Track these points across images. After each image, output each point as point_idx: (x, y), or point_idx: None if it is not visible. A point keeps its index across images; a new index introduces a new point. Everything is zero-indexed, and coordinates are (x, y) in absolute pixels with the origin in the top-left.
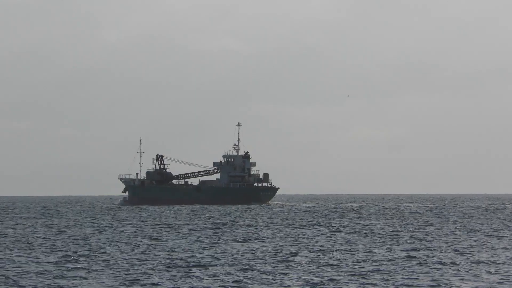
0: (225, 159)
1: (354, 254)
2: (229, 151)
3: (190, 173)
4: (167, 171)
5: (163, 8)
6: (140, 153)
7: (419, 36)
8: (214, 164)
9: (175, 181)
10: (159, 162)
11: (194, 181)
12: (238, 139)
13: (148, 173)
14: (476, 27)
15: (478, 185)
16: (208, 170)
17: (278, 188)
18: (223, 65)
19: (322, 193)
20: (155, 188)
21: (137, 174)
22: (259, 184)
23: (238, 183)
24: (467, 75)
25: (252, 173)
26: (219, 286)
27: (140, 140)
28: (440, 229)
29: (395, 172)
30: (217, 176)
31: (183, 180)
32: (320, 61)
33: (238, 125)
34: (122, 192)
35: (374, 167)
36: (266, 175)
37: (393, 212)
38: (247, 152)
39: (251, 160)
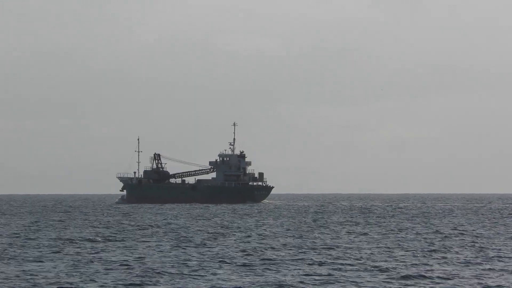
0: (220, 158)
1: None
2: (225, 150)
3: (187, 172)
4: (164, 170)
5: (181, 8)
6: (138, 152)
7: (448, 37)
8: (210, 163)
9: (172, 180)
10: (156, 161)
11: (191, 180)
12: (234, 139)
13: (145, 172)
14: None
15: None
16: (204, 169)
17: (272, 187)
18: (225, 65)
19: (322, 192)
20: (152, 187)
21: (134, 173)
22: (254, 183)
23: (233, 182)
24: (497, 75)
25: (247, 172)
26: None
27: (138, 139)
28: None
29: (401, 172)
30: (213, 175)
31: (180, 179)
32: (331, 62)
33: (234, 124)
34: (120, 190)
35: (379, 166)
36: (261, 174)
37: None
38: (243, 152)
39: (247, 160)
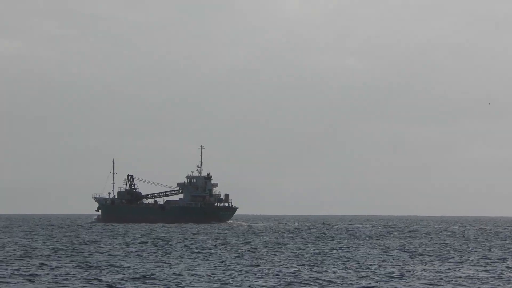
0: (188, 179)
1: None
2: (192, 172)
3: (158, 193)
4: (137, 191)
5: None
6: (113, 173)
7: None
8: (178, 184)
9: (145, 201)
10: (129, 182)
11: (163, 201)
12: (201, 161)
13: (119, 192)
14: None
15: None
16: (174, 190)
17: (237, 208)
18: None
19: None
20: (123, 207)
21: (109, 193)
22: (220, 204)
23: (199, 203)
24: None
25: (213, 193)
26: None
27: (113, 161)
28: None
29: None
30: (182, 196)
31: (152, 200)
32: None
33: (201, 147)
34: (96, 210)
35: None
36: (227, 196)
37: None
38: (209, 174)
39: (213, 181)
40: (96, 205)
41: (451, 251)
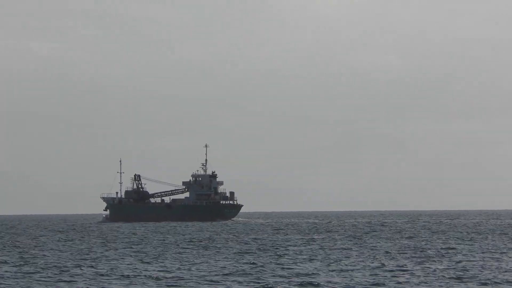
0: (193, 178)
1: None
2: (197, 170)
3: (164, 192)
4: (144, 190)
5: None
6: (120, 173)
7: None
8: (183, 183)
9: (152, 199)
10: (136, 181)
11: (170, 199)
12: (206, 160)
13: (126, 192)
14: None
15: None
16: (180, 189)
17: (242, 205)
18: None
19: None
20: (131, 206)
21: (117, 193)
22: (225, 202)
23: (204, 201)
24: None
25: (219, 191)
26: None
27: (120, 161)
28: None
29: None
30: (187, 194)
31: (159, 198)
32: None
33: (206, 146)
34: (104, 210)
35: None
36: (232, 193)
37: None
38: (214, 172)
39: (218, 179)
40: (104, 204)
41: None
